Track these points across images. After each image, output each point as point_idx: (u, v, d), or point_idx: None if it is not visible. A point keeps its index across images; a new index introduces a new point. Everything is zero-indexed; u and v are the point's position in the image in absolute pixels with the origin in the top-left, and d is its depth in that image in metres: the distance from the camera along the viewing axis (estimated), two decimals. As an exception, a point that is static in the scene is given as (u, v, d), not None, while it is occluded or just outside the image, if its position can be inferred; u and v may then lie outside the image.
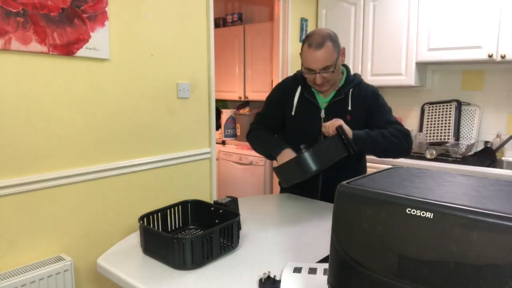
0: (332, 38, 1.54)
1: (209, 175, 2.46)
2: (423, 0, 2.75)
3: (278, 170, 1.47)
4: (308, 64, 1.56)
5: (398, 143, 1.55)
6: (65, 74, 1.68)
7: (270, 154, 1.64)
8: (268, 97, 1.83)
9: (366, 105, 1.64)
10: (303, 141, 1.66)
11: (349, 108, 1.63)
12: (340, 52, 1.58)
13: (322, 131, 1.51)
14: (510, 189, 0.72)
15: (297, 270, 1.05)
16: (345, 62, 3.17)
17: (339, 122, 1.45)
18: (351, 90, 1.65)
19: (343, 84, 1.66)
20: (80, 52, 1.71)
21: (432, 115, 3.04)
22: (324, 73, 1.55)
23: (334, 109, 1.64)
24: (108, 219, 1.91)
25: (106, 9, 1.79)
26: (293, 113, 1.71)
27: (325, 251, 1.22)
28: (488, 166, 2.47)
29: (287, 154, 1.54)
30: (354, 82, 1.66)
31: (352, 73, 1.72)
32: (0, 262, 1.54)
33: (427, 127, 3.04)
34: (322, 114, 1.66)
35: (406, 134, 1.59)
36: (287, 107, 1.73)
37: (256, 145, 1.75)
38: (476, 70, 2.90)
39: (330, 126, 1.45)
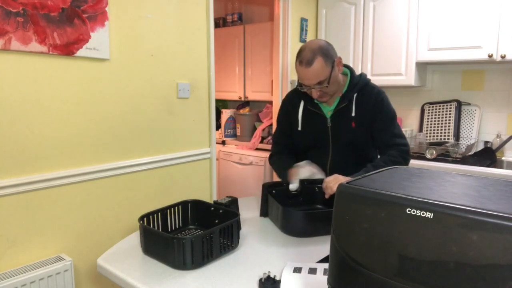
0: (323, 52, 1.50)
1: (209, 175, 2.46)
2: (423, 0, 2.75)
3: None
4: (302, 80, 1.56)
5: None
6: (65, 74, 1.68)
7: (284, 179, 1.66)
8: (277, 117, 1.85)
9: (369, 109, 1.62)
10: (314, 153, 1.69)
11: (353, 114, 1.61)
12: (334, 63, 1.54)
13: (322, 186, 1.49)
14: (510, 189, 0.72)
15: (297, 270, 1.05)
16: (345, 62, 3.18)
17: (340, 181, 1.42)
18: (355, 95, 1.62)
19: (347, 89, 1.63)
20: (80, 52, 1.71)
21: (432, 115, 3.04)
22: (318, 87, 1.54)
23: (339, 117, 1.63)
24: (108, 219, 1.91)
25: (106, 9, 1.78)
26: (299, 128, 1.69)
27: (325, 251, 1.22)
28: (488, 166, 2.47)
29: (291, 172, 1.60)
30: (358, 85, 1.63)
31: (358, 73, 1.68)
32: (0, 262, 1.54)
33: (427, 127, 3.04)
34: (329, 123, 1.64)
35: (406, 154, 1.59)
36: (293, 123, 1.72)
37: (276, 173, 1.80)
38: (476, 70, 2.90)
39: (332, 188, 1.43)
